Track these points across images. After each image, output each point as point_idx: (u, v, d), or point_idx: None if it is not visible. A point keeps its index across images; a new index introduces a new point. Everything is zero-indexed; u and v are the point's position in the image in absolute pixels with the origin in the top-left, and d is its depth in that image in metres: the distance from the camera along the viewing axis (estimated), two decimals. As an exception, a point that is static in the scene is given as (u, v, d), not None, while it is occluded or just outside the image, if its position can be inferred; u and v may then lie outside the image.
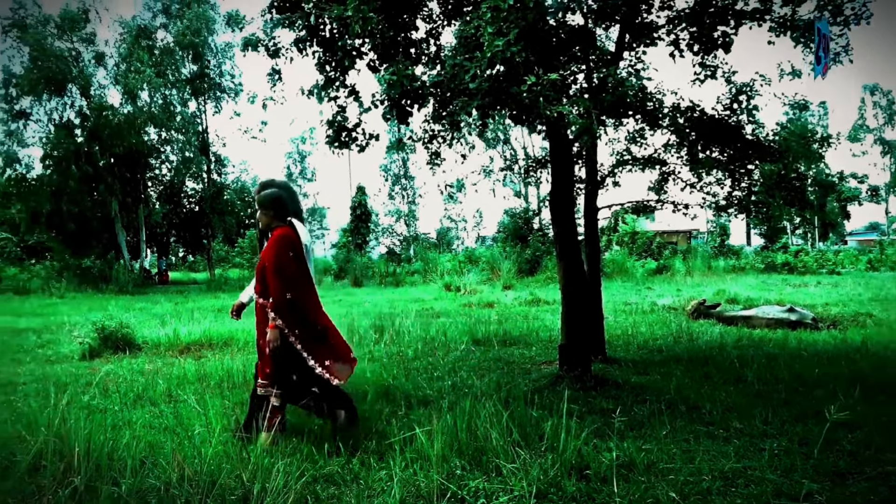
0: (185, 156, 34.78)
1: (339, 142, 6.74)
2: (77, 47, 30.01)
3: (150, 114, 31.34)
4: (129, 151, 30.74)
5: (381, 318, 11.06)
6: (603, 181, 7.91)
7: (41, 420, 4.40)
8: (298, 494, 3.46)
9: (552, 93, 4.98)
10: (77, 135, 30.02)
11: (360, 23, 5.33)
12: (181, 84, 33.40)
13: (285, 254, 4.37)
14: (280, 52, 6.54)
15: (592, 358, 6.87)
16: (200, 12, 33.09)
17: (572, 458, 3.84)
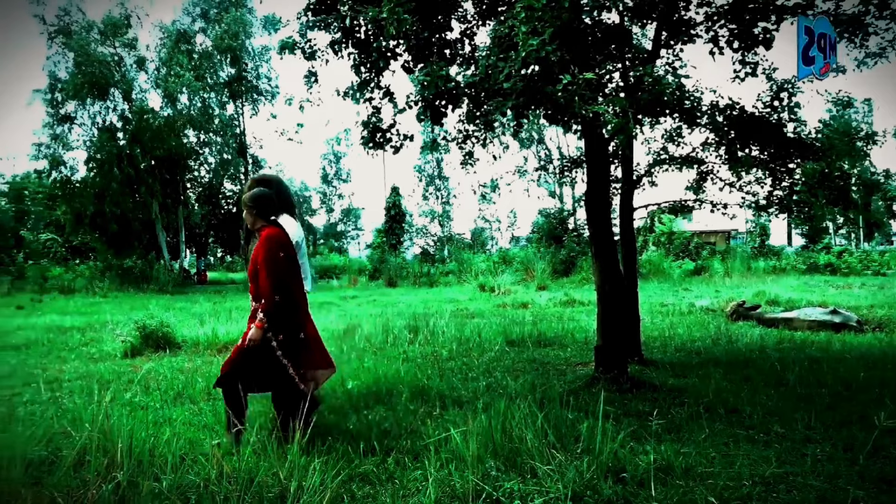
0: (223, 158, 35.37)
1: (373, 142, 6.79)
2: (119, 52, 30.72)
3: (190, 117, 31.96)
4: (168, 154, 31.38)
5: (415, 319, 11.09)
6: (639, 181, 7.82)
7: (86, 416, 4.51)
8: (334, 493, 3.49)
9: (588, 92, 4.94)
10: (119, 138, 30.73)
11: (394, 24, 5.36)
12: (219, 87, 33.97)
13: (276, 254, 4.30)
14: (316, 55, 6.60)
15: (629, 360, 6.79)
16: (238, 16, 33.59)
17: (608, 461, 3.80)
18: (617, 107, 5.18)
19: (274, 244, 4.32)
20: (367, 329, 10.04)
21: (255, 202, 4.48)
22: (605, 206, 6.81)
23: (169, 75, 30.25)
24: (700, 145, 7.48)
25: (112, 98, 30.72)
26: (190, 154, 33.80)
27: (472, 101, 6.00)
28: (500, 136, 7.92)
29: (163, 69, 31.07)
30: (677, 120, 6.99)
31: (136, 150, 30.24)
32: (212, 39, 33.47)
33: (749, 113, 6.88)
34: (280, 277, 4.27)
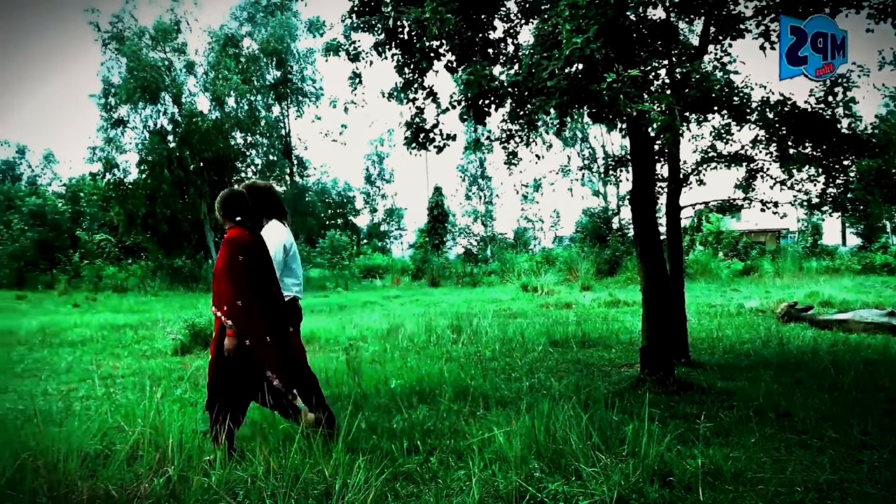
0: (269, 159, 35.95)
1: (416, 143, 6.82)
2: (169, 57, 31.51)
3: (237, 119, 32.61)
4: (216, 155, 32.08)
5: (458, 318, 11.10)
6: (686, 179, 7.67)
7: (138, 412, 4.65)
8: (378, 491, 3.51)
9: (633, 89, 4.87)
10: (169, 140, 31.52)
11: (437, 24, 5.37)
12: (265, 90, 34.56)
13: (235, 258, 4.12)
14: (360, 56, 6.66)
15: (675, 361, 6.67)
16: (283, 20, 34.15)
17: (655, 464, 3.74)
18: (663, 104, 5.10)
19: (233, 248, 4.14)
20: (410, 328, 10.09)
21: (220, 203, 4.34)
22: (650, 205, 6.70)
23: (217, 79, 30.92)
24: (750, 142, 7.30)
25: (162, 102, 31.53)
26: (237, 156, 34.47)
27: (516, 100, 5.97)
28: (544, 135, 7.86)
29: (211, 73, 31.76)
30: (726, 117, 6.83)
31: (186, 152, 31.00)
32: (258, 43, 34.09)
33: (801, 109, 6.68)
34: (239, 282, 4.10)
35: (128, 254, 37.51)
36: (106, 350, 9.38)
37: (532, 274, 23.65)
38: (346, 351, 7.71)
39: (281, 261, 4.57)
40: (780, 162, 7.12)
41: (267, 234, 4.59)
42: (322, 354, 8.23)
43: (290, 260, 4.68)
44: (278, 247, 4.58)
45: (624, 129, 7.17)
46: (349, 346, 8.10)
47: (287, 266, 4.66)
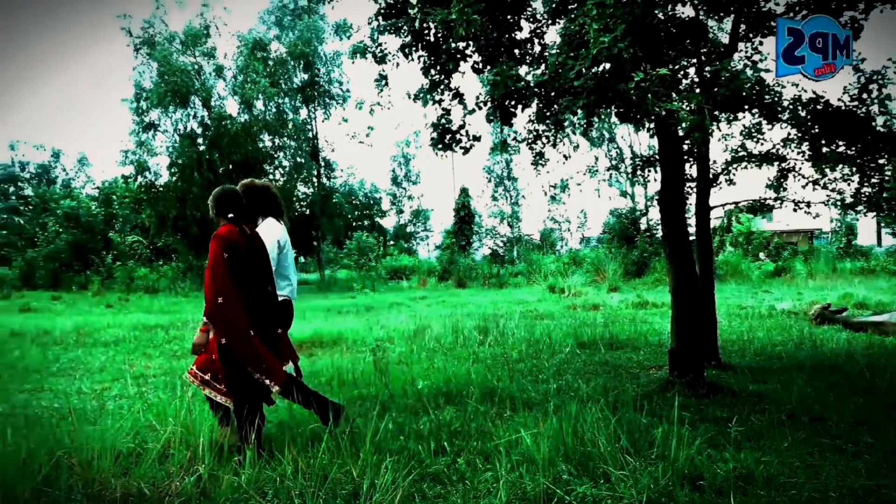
0: (297, 161, 36.30)
1: (442, 144, 6.82)
2: (199, 61, 31.98)
3: (265, 122, 33.00)
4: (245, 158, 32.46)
5: (484, 320, 11.09)
6: (716, 179, 7.57)
7: (169, 411, 4.72)
8: (406, 492, 3.52)
9: (661, 89, 4.82)
10: (199, 144, 31.98)
11: (463, 25, 5.37)
12: (293, 92, 34.91)
13: (220, 255, 4.10)
14: (386, 58, 6.69)
15: (705, 364, 6.59)
16: (311, 23, 34.45)
17: (685, 468, 3.70)
18: (692, 103, 5.04)
19: (219, 245, 4.12)
20: (436, 329, 10.11)
21: (213, 200, 4.36)
22: (679, 205, 6.63)
23: (245, 82, 31.30)
24: (781, 141, 7.17)
25: (192, 105, 32.00)
26: (265, 158, 34.87)
27: (542, 100, 5.95)
28: (571, 135, 7.82)
29: (240, 76, 32.17)
30: (756, 115, 6.72)
31: (215, 155, 31.42)
32: (286, 46, 34.44)
33: (835, 107, 6.55)
34: (221, 279, 4.08)
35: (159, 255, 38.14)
36: (138, 350, 9.54)
37: (559, 275, 23.53)
38: (373, 352, 7.74)
39: (275, 258, 4.59)
40: (812, 161, 6.98)
41: (262, 232, 4.63)
42: (349, 355, 8.27)
43: (282, 258, 4.68)
44: (272, 244, 4.60)
45: (652, 129, 7.09)
46: (376, 347, 8.14)
47: (279, 265, 4.67)
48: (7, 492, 3.38)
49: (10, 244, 34.04)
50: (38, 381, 7.21)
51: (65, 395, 6.44)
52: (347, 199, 47.44)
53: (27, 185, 49.65)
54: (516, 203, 50.24)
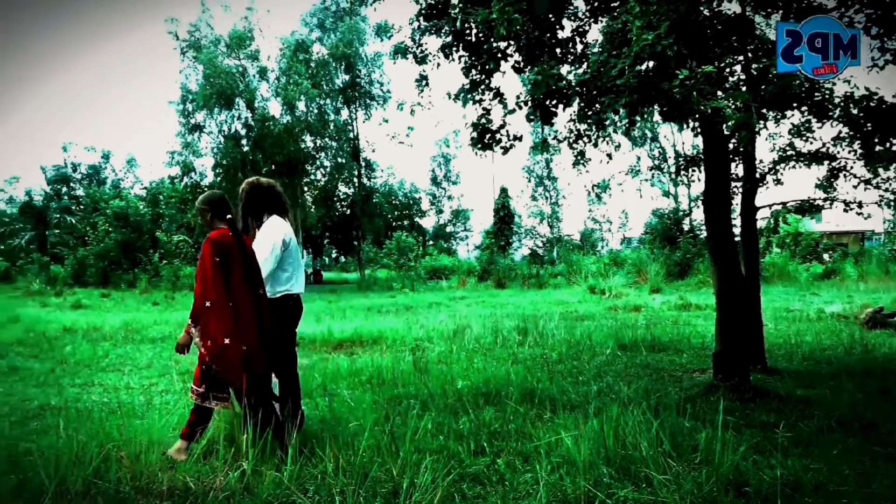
0: (338, 162, 36.70)
1: (482, 143, 6.81)
2: (244, 64, 32.57)
3: (307, 123, 33.44)
4: (287, 158, 32.96)
5: (524, 320, 11.04)
6: (762, 179, 7.39)
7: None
8: (445, 492, 3.52)
9: (707, 86, 4.74)
10: (243, 145, 32.58)
11: (504, 24, 5.35)
12: (334, 94, 35.30)
13: (212, 258, 4.11)
14: (427, 59, 6.71)
15: (751, 367, 6.44)
16: (352, 24, 34.78)
17: (729, 473, 3.62)
18: (738, 101, 4.93)
19: (212, 248, 4.13)
20: (476, 330, 10.10)
21: (208, 204, 4.40)
22: (724, 205, 6.50)
23: (288, 84, 31.76)
24: (832, 140, 6.96)
25: (237, 107, 32.62)
26: (307, 158, 35.33)
27: (584, 99, 5.89)
28: (612, 134, 7.73)
29: (282, 78, 32.65)
30: (806, 113, 6.54)
31: (259, 155, 31.97)
32: (328, 48, 34.83)
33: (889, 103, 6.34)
34: (211, 282, 4.09)
35: (204, 254, 38.80)
36: (183, 347, 9.73)
37: (599, 276, 23.29)
38: (412, 351, 7.78)
39: (278, 255, 4.62)
40: (864, 160, 6.76)
41: (266, 229, 4.67)
42: (389, 354, 8.32)
43: (286, 255, 4.72)
44: (276, 241, 4.62)
45: (696, 128, 6.97)
46: (416, 347, 8.18)
47: (283, 260, 4.70)
48: (60, 482, 3.50)
49: (62, 243, 35.17)
50: (88, 376, 7.42)
51: (114, 390, 6.61)
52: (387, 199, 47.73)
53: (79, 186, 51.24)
54: (556, 203, 49.89)
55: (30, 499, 3.42)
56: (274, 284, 4.65)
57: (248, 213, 4.80)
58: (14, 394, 6.55)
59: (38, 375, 7.45)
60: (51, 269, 30.02)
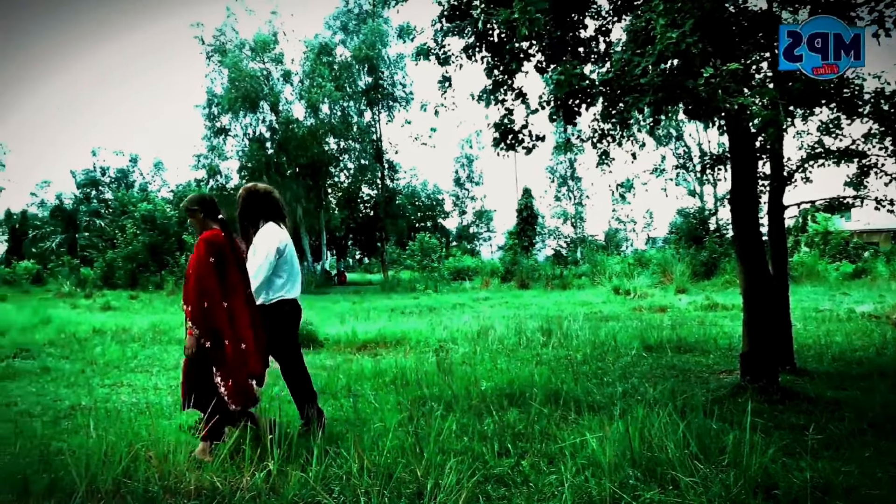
0: (361, 163, 36.88)
1: (505, 144, 6.80)
2: (268, 67, 32.87)
3: (330, 125, 33.66)
4: (311, 161, 33.20)
5: (548, 321, 10.99)
6: (790, 177, 7.28)
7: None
8: (470, 493, 3.51)
9: (732, 84, 4.68)
10: (268, 147, 32.89)
11: (526, 24, 5.33)
12: (357, 96, 35.46)
13: (206, 259, 4.13)
14: (450, 60, 6.71)
15: (779, 368, 6.34)
16: (375, 27, 34.92)
17: (758, 476, 3.57)
18: (765, 98, 4.86)
19: (207, 248, 4.16)
20: (499, 331, 10.08)
21: (199, 204, 4.40)
22: (751, 204, 6.41)
23: (312, 87, 32.00)
24: (862, 137, 6.84)
25: (261, 110, 32.93)
26: (330, 161, 35.55)
27: (608, 98, 5.85)
28: (637, 133, 7.66)
29: (306, 81, 32.91)
30: (835, 110, 6.43)
31: (283, 158, 32.26)
32: (351, 50, 35.01)
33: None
34: (206, 283, 4.11)
35: (229, 256, 39.24)
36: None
37: (624, 276, 23.11)
38: (436, 352, 7.78)
39: (273, 262, 4.62)
40: (896, 157, 6.64)
41: (261, 236, 4.68)
42: (413, 355, 8.33)
43: (282, 262, 4.72)
44: (271, 248, 4.62)
45: (722, 126, 6.88)
46: (439, 348, 8.18)
47: (278, 266, 4.71)
48: (91, 481, 3.56)
49: (92, 246, 35.79)
50: (117, 377, 7.54)
51: (142, 391, 6.71)
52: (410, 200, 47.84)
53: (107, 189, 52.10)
54: (580, 203, 49.61)
55: (62, 497, 3.48)
56: (269, 290, 4.68)
57: (244, 219, 4.82)
58: (46, 394, 6.68)
59: (68, 376, 7.59)
60: (81, 271, 30.61)
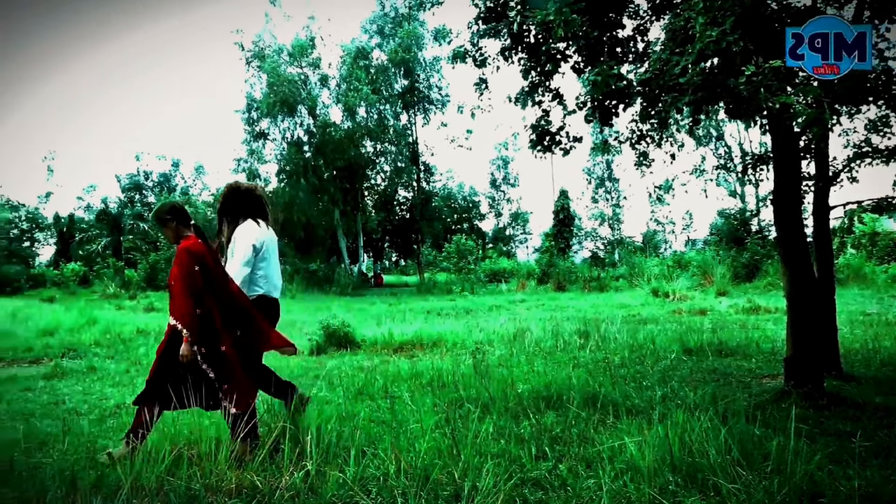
0: (398, 166, 37.07)
1: (542, 145, 6.77)
2: (305, 72, 33.29)
3: (367, 128, 33.93)
4: (348, 164, 33.52)
5: (585, 324, 10.89)
6: (836, 177, 7.10)
7: (278, 407, 4.93)
8: (507, 496, 3.50)
9: (775, 82, 4.58)
10: (305, 151, 33.29)
11: (562, 25, 5.30)
12: (394, 99, 35.68)
13: (192, 268, 4.21)
14: (486, 62, 6.71)
15: (824, 373, 6.18)
16: (411, 30, 35.09)
17: (803, 484, 3.48)
18: (809, 96, 4.75)
19: (190, 258, 4.24)
20: (536, 333, 10.03)
21: (172, 213, 4.46)
22: (795, 205, 6.26)
23: (349, 90, 32.30)
24: (912, 135, 6.64)
25: (299, 114, 33.35)
26: (367, 163, 35.83)
27: (646, 98, 5.78)
28: (676, 134, 7.55)
29: (343, 85, 33.22)
30: (883, 107, 6.25)
31: (320, 161, 32.62)
32: (387, 54, 35.24)
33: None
34: (197, 291, 4.20)
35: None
36: (249, 348, 9.98)
37: (663, 278, 22.79)
38: (472, 354, 7.78)
39: (251, 259, 4.64)
40: (949, 155, 6.42)
41: (239, 233, 4.71)
42: (449, 357, 8.34)
43: (260, 259, 4.73)
44: (248, 246, 4.64)
45: (764, 126, 6.74)
46: (476, 350, 8.17)
47: (257, 264, 4.73)
48: (136, 478, 3.64)
49: (136, 248, 36.63)
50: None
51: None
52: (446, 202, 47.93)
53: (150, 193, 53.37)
54: (617, 204, 49.10)
55: (108, 494, 3.57)
56: (248, 286, 4.71)
57: (224, 215, 4.87)
58: (92, 392, 6.86)
59: (113, 375, 7.78)
60: (125, 273, 31.34)
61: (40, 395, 6.88)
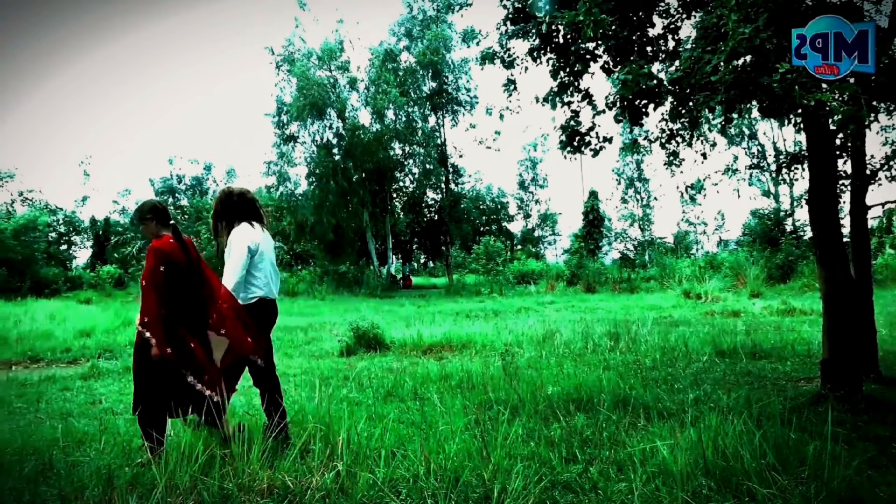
0: (426, 168, 37.14)
1: (571, 146, 6.73)
2: (335, 75, 33.55)
3: (396, 130, 34.07)
4: (377, 166, 33.71)
5: (615, 325, 10.79)
6: (874, 175, 6.94)
7: (309, 409, 4.96)
8: (537, 499, 3.49)
9: (809, 79, 4.49)
10: (335, 153, 33.54)
11: (591, 25, 5.27)
12: (422, 101, 35.76)
13: (157, 268, 4.23)
14: (515, 63, 6.69)
15: (863, 376, 6.04)
16: (439, 32, 35.14)
17: (841, 490, 3.41)
18: (845, 94, 4.65)
19: (157, 258, 4.26)
20: (566, 335, 9.97)
21: (152, 212, 4.50)
22: (831, 205, 6.13)
23: (377, 93, 32.46)
24: (953, 132, 6.47)
25: (328, 117, 33.61)
26: (396, 166, 35.98)
27: (677, 97, 5.71)
28: (707, 133, 7.45)
29: (372, 88, 33.40)
30: (922, 104, 6.11)
31: (349, 163, 32.83)
32: (415, 56, 35.34)
33: None
34: (162, 291, 4.22)
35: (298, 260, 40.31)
36: (280, 350, 10.10)
37: (694, 280, 22.48)
38: (502, 356, 7.75)
39: (245, 262, 4.64)
40: None
41: (233, 236, 4.71)
42: (478, 359, 8.33)
43: (257, 260, 4.74)
44: (242, 249, 4.65)
45: (799, 124, 6.62)
46: (505, 352, 8.14)
47: (252, 266, 4.73)
48: (170, 478, 3.70)
49: (169, 251, 37.17)
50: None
51: (217, 391, 6.92)
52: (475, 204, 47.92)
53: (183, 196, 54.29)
54: (648, 205, 48.59)
55: (143, 492, 3.64)
56: (245, 289, 4.73)
57: (219, 220, 4.91)
58: (128, 392, 6.98)
59: (148, 376, 7.90)
60: (159, 275, 31.79)
61: (78, 395, 7.04)
